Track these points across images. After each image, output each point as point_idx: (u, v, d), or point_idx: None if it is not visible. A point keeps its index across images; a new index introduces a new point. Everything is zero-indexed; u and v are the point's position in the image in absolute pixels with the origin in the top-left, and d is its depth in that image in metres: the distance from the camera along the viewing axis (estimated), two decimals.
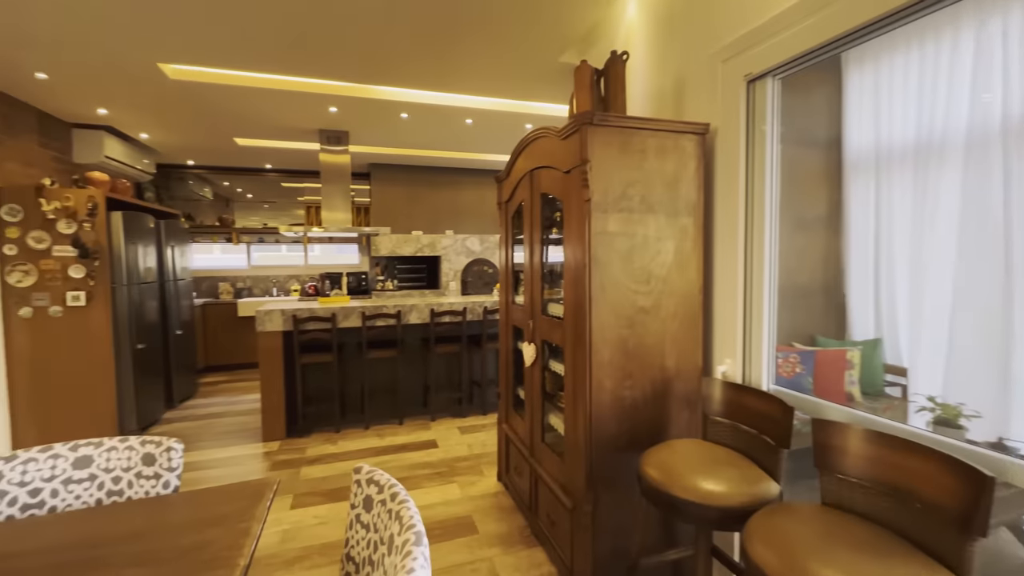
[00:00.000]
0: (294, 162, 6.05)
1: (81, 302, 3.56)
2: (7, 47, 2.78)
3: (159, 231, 4.42)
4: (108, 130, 4.43)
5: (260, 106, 3.86)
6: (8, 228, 3.38)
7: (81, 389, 3.58)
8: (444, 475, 3.08)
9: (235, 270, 6.81)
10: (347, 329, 3.91)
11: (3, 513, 1.19)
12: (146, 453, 1.29)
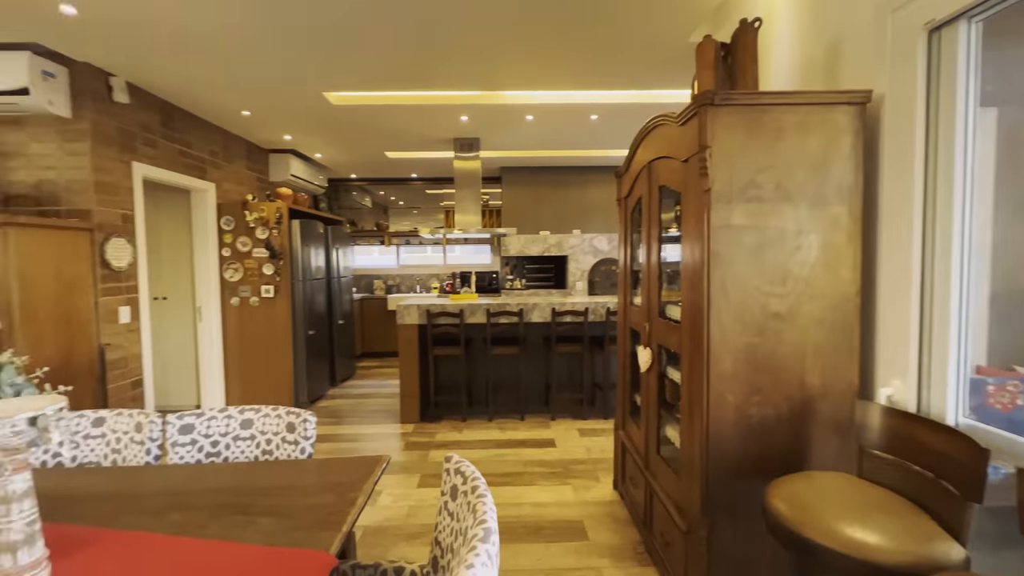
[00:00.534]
0: (434, 170, 6.61)
1: (271, 294, 4.37)
2: (224, 93, 3.54)
3: (327, 236, 5.22)
4: (293, 153, 5.37)
5: (403, 121, 4.30)
6: (225, 235, 4.31)
7: (269, 363, 4.40)
8: (559, 476, 3.06)
9: (387, 269, 7.70)
10: (474, 325, 4.13)
11: (198, 457, 1.51)
12: (289, 422, 1.52)
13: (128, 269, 3.30)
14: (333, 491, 1.23)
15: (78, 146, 2.98)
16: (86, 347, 2.98)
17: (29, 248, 2.62)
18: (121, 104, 3.22)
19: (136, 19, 2.48)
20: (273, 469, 1.37)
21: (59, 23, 2.50)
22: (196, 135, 4.04)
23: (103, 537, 1.03)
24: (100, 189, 3.06)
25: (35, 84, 2.69)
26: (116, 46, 2.78)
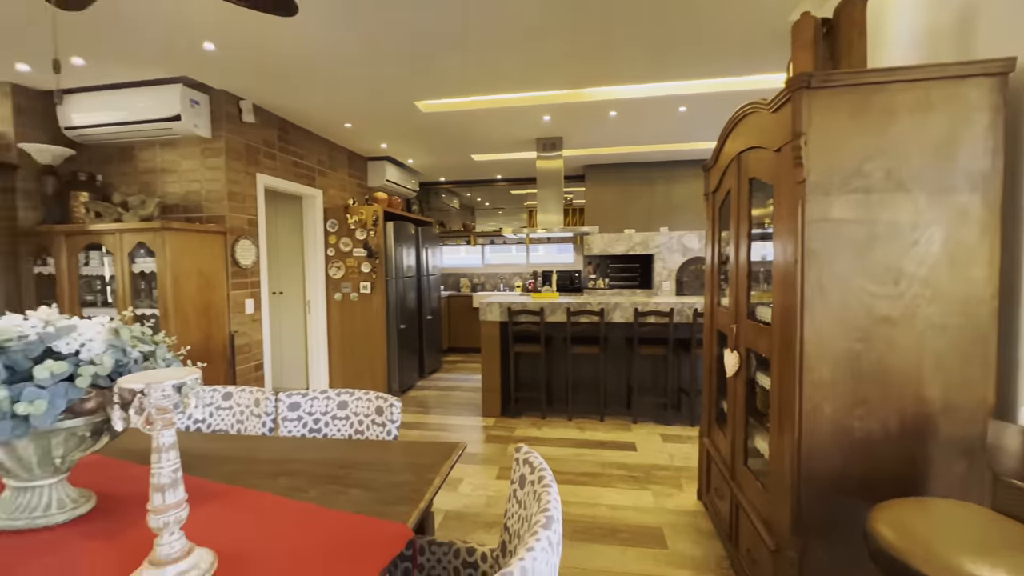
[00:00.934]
0: (518, 171, 6.73)
1: (368, 291, 4.76)
2: (330, 108, 3.92)
3: (418, 236, 5.55)
4: (388, 160, 5.78)
5: (488, 124, 4.44)
6: (330, 236, 4.77)
7: (366, 354, 4.79)
8: (639, 480, 2.98)
9: (472, 268, 7.98)
10: (554, 323, 4.15)
11: (302, 431, 1.71)
12: (378, 406, 1.66)
13: (252, 267, 3.79)
14: (414, 471, 1.32)
15: (215, 161, 3.48)
16: (220, 333, 3.48)
17: (179, 248, 3.12)
18: (248, 124, 3.71)
19: (260, 50, 2.85)
20: (363, 447, 1.51)
21: (202, 58, 2.94)
22: (306, 147, 4.52)
23: (226, 492, 1.22)
24: (232, 198, 3.55)
25: (185, 111, 3.20)
26: (245, 74, 3.21)
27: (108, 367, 1.04)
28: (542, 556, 0.75)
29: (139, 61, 2.98)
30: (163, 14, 2.42)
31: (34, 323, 1.04)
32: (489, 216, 10.59)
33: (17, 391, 0.92)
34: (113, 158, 3.61)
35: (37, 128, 3.36)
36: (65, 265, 3.18)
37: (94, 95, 3.31)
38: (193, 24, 2.53)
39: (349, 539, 1.00)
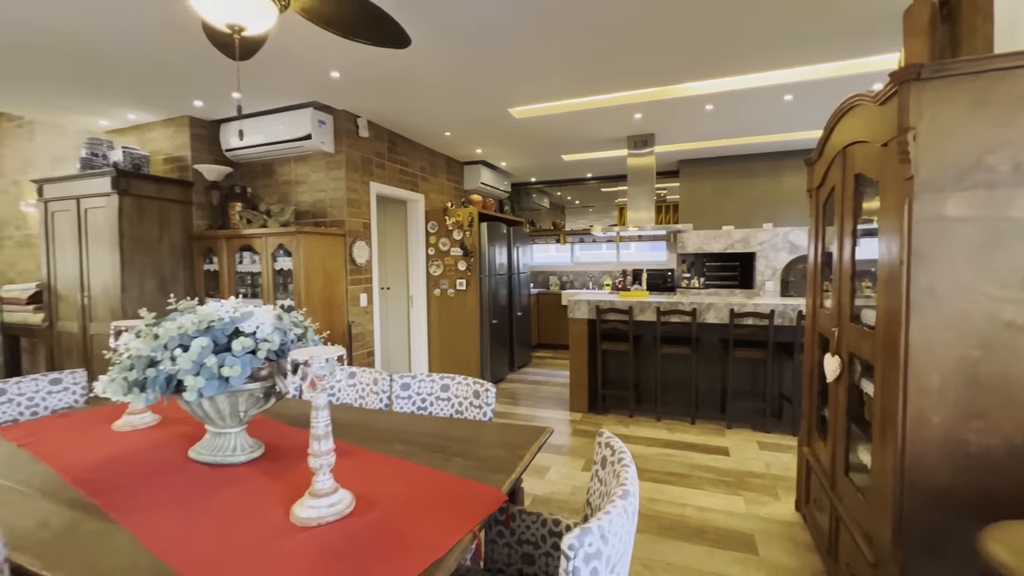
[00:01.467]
0: (608, 169, 6.70)
1: (463, 287, 5.10)
2: (431, 119, 4.28)
3: (509, 235, 5.80)
4: (483, 163, 6.10)
5: (578, 125, 4.53)
6: (430, 237, 5.19)
7: (461, 346, 5.14)
8: (730, 485, 2.91)
9: (562, 266, 8.10)
10: (643, 322, 4.13)
11: (407, 408, 1.97)
12: (475, 390, 1.87)
13: (366, 265, 4.27)
14: (506, 448, 1.49)
15: (337, 173, 3.99)
16: (340, 323, 3.99)
17: (309, 249, 3.64)
18: (363, 138, 4.19)
19: (375, 74, 3.23)
20: (463, 425, 1.72)
21: (328, 85, 3.41)
22: (411, 156, 4.96)
23: (354, 451, 1.48)
24: (350, 204, 4.04)
25: (314, 131, 3.72)
26: (362, 95, 3.64)
27: (276, 344, 1.34)
28: (617, 520, 0.86)
29: (279, 91, 3.53)
30: (299, 52, 2.87)
31: (228, 309, 1.37)
32: (579, 214, 10.61)
33: (221, 359, 1.23)
34: (259, 173, 4.30)
35: (206, 151, 4.11)
36: (225, 263, 3.87)
37: (247, 122, 3.97)
38: (323, 58, 2.96)
39: (454, 496, 1.19)
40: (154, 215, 3.72)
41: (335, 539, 1.02)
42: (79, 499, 1.20)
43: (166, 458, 1.44)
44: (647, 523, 2.49)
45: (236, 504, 1.17)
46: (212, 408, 1.34)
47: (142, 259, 3.64)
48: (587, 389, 4.32)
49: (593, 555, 0.81)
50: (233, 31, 1.47)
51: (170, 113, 3.94)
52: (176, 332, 1.26)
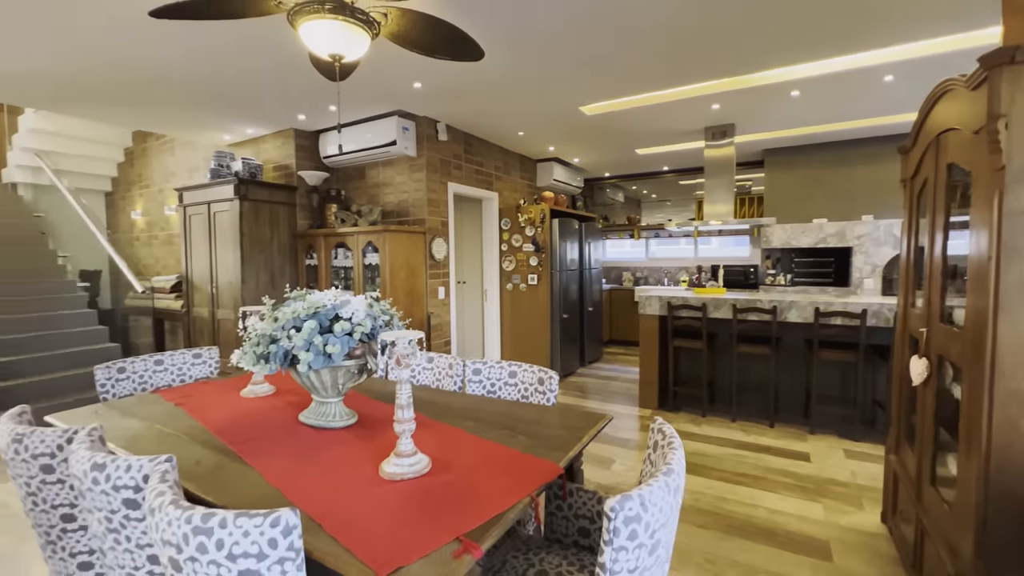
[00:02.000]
0: (686, 161, 6.49)
1: (535, 282, 5.25)
2: (505, 121, 4.45)
3: (581, 231, 5.85)
4: (556, 160, 6.20)
5: (651, 119, 4.47)
6: (503, 233, 5.40)
7: (532, 338, 5.30)
8: (809, 491, 2.78)
9: (636, 261, 7.97)
10: (718, 320, 4.02)
11: (478, 391, 2.15)
12: (540, 377, 2.00)
13: (444, 260, 4.57)
14: (566, 430, 1.61)
15: (419, 175, 4.31)
16: (420, 314, 4.31)
17: (394, 246, 3.99)
18: (442, 141, 4.47)
19: (454, 83, 3.46)
20: (528, 408, 1.86)
21: (411, 94, 3.70)
22: (486, 156, 5.19)
23: (432, 424, 1.68)
24: (430, 204, 4.35)
25: (398, 137, 4.05)
26: (441, 102, 3.91)
27: (368, 328, 1.57)
28: (659, 492, 0.95)
29: (368, 103, 3.90)
30: (386, 68, 3.16)
31: (330, 298, 1.62)
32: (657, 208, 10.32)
33: (325, 338, 1.48)
34: (352, 177, 4.75)
35: (307, 159, 4.63)
36: (323, 258, 4.35)
37: (343, 131, 4.41)
38: (406, 71, 3.24)
39: (516, 467, 1.34)
40: (266, 217, 4.27)
41: (415, 492, 1.21)
42: (221, 446, 1.51)
43: (281, 420, 1.74)
44: (714, 520, 2.48)
45: (336, 459, 1.41)
46: (318, 380, 1.60)
47: (257, 255, 4.20)
48: (657, 386, 4.28)
49: (632, 518, 0.91)
50: (334, 59, 1.72)
51: (279, 126, 4.49)
52: (291, 316, 1.53)
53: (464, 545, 0.97)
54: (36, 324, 4.66)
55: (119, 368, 2.26)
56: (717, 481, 2.90)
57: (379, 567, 0.91)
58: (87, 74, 3.21)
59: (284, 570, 0.90)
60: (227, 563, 0.88)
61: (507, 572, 1.34)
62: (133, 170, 6.44)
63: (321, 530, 1.04)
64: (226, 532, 0.88)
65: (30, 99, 3.80)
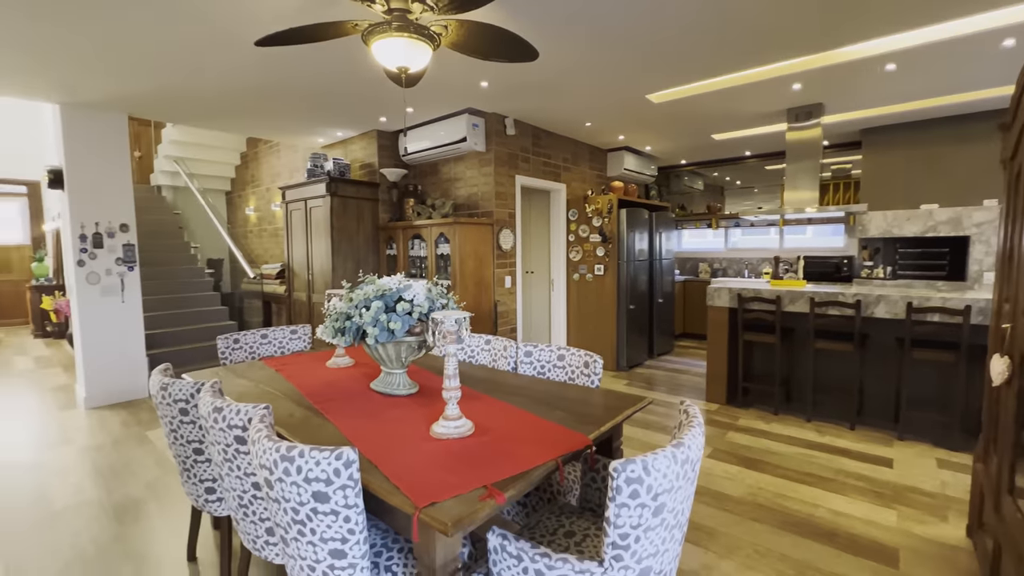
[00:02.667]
0: (770, 145, 6.08)
1: (601, 272, 5.28)
2: (572, 113, 4.51)
3: (651, 221, 5.75)
4: (626, 149, 6.12)
5: (725, 104, 4.28)
6: (571, 224, 5.47)
7: (598, 328, 5.35)
8: (883, 497, 2.61)
9: (714, 252, 7.63)
10: (794, 314, 3.81)
11: (529, 371, 2.30)
12: (585, 361, 2.11)
13: (510, 250, 4.76)
14: (603, 409, 1.72)
15: (487, 169, 4.52)
16: (487, 301, 4.56)
17: (463, 237, 4.25)
18: (510, 136, 4.64)
19: (518, 80, 3.60)
20: (572, 389, 1.98)
21: (479, 93, 3.90)
22: (554, 148, 5.28)
23: (481, 397, 1.87)
24: (498, 196, 4.55)
25: (468, 134, 4.29)
26: (508, 98, 4.07)
27: (425, 308, 1.78)
28: (663, 460, 1.05)
29: (440, 103, 4.16)
30: (453, 71, 3.38)
31: (395, 282, 1.86)
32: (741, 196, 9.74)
33: (389, 316, 1.72)
34: (427, 173, 5.09)
35: (388, 157, 5.04)
36: (401, 249, 4.74)
37: (417, 131, 4.75)
38: (473, 72, 3.44)
39: (548, 436, 1.48)
40: (353, 211, 4.74)
41: (457, 449, 1.40)
42: (308, 404, 1.82)
43: (356, 387, 2.03)
44: (769, 515, 2.43)
45: (398, 420, 1.64)
46: (384, 352, 1.85)
47: (345, 246, 4.69)
48: (726, 380, 4.16)
49: (634, 479, 1.02)
50: (400, 71, 1.94)
51: (364, 128, 4.93)
52: (363, 297, 1.79)
53: (490, 492, 1.13)
54: (175, 304, 5.59)
55: (235, 339, 2.72)
56: (779, 479, 2.82)
57: (418, 499, 1.10)
58: (210, 93, 3.80)
59: (346, 495, 1.12)
60: (304, 484, 1.12)
61: (540, 528, 1.49)
62: (247, 172, 7.38)
63: (377, 470, 1.26)
64: (303, 460, 1.12)
65: (169, 115, 4.55)
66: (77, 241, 4.05)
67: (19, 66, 3.20)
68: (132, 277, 4.33)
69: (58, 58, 3.09)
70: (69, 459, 3.16)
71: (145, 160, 7.74)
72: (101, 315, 4.18)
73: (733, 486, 2.73)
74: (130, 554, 2.16)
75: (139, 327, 4.39)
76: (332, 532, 1.15)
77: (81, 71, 3.31)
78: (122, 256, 4.27)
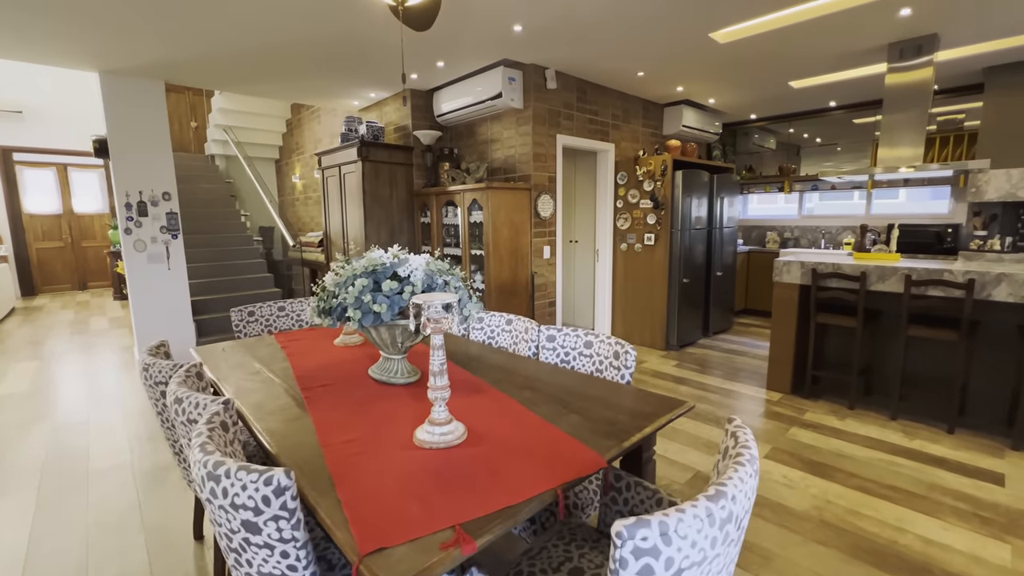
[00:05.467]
0: (860, 93, 5.18)
1: (651, 242, 4.79)
2: (621, 61, 3.96)
3: (712, 185, 5.12)
4: (686, 103, 5.44)
5: (810, 39, 3.57)
6: (619, 188, 4.98)
7: (645, 304, 4.91)
8: (990, 524, 2.12)
9: (786, 220, 6.81)
10: (882, 293, 3.22)
11: (551, 359, 2.00)
12: (615, 350, 1.77)
13: (550, 218, 4.39)
14: (630, 415, 1.39)
15: (525, 128, 4.12)
16: (524, 273, 4.25)
17: (497, 203, 3.92)
18: (551, 90, 4.19)
19: (557, 21, 3.14)
20: (597, 384, 1.66)
21: (513, 40, 3.47)
22: (601, 103, 4.75)
23: (487, 390, 1.60)
24: (536, 159, 4.16)
25: (504, 88, 3.89)
26: (548, 45, 3.61)
27: (420, 287, 1.51)
28: (691, 521, 0.73)
29: (471, 54, 3.77)
30: (480, 12, 2.97)
31: (388, 256, 1.60)
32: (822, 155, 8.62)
33: (374, 297, 1.46)
34: (463, 135, 4.76)
35: (422, 119, 4.74)
36: (435, 216, 4.50)
37: (451, 88, 4.40)
38: (503, 11, 3.01)
39: (554, 451, 1.19)
40: (386, 177, 4.54)
41: (438, 463, 1.14)
42: (294, 390, 1.63)
43: (354, 371, 1.82)
44: (838, 537, 2.03)
45: (384, 417, 1.41)
46: (378, 336, 1.61)
47: (378, 212, 4.52)
48: (791, 366, 3.65)
49: (647, 551, 0.71)
50: (397, 3, 1.61)
51: (396, 89, 4.65)
52: (351, 273, 1.55)
53: (456, 537, 0.87)
54: (222, 271, 5.74)
55: (249, 312, 2.61)
56: (853, 490, 2.38)
57: (363, 543, 0.85)
58: (246, 53, 3.65)
59: (279, 527, 0.90)
60: (231, 511, 0.91)
61: (543, 558, 1.22)
62: (292, 139, 7.39)
63: (333, 491, 1.03)
64: (229, 483, 0.90)
65: (206, 80, 4.48)
66: (123, 209, 4.14)
67: (61, 32, 3.18)
68: (176, 245, 4.41)
69: (99, 22, 3.02)
70: (115, 421, 3.28)
71: (200, 130, 7.95)
72: (149, 281, 4.31)
73: (795, 497, 2.33)
74: (145, 525, 2.15)
75: (184, 293, 4.51)
76: (269, 567, 0.93)
77: (121, 35, 3.24)
78: (166, 224, 4.34)
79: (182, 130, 7.95)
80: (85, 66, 3.86)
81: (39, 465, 2.70)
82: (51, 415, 3.39)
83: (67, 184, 8.56)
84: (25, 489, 2.46)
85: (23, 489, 2.46)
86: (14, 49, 3.46)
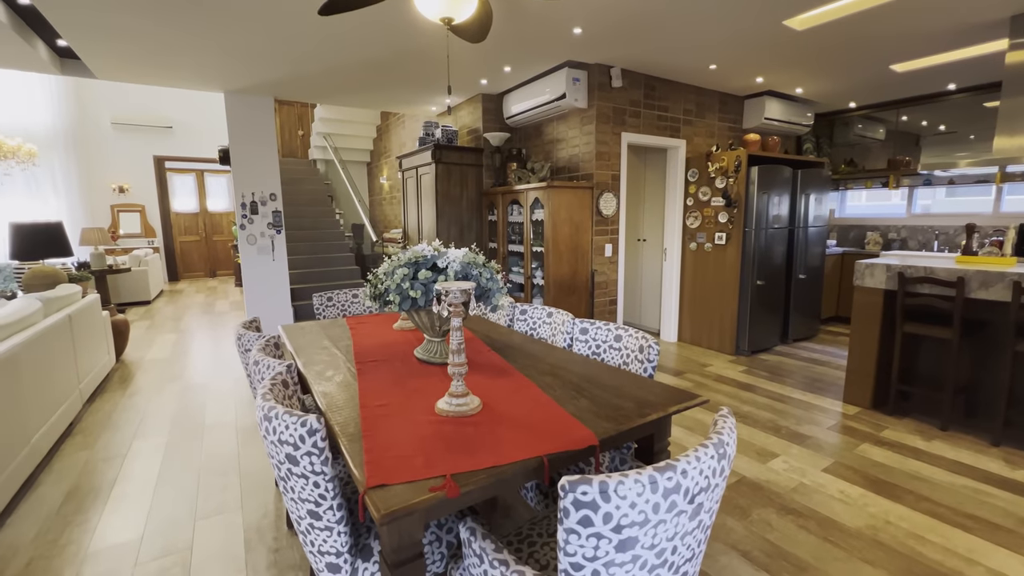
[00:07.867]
0: (985, 74, 4.52)
1: (723, 242, 4.60)
2: (691, 54, 3.85)
3: (795, 180, 4.77)
4: (769, 94, 5.11)
5: (905, 18, 3.23)
6: (690, 186, 4.83)
7: (715, 305, 4.73)
8: None
9: (892, 218, 6.12)
10: (984, 302, 2.86)
11: (583, 350, 2.09)
12: (640, 345, 1.82)
13: (613, 216, 4.40)
14: (638, 404, 1.46)
15: (589, 127, 4.18)
16: (584, 270, 4.31)
17: (558, 202, 4.03)
18: (616, 88, 4.20)
19: (616, 21, 3.17)
20: (616, 375, 1.74)
21: (575, 41, 3.55)
22: (672, 99, 4.64)
23: (512, 373, 1.74)
24: (599, 157, 4.20)
25: (568, 89, 3.98)
26: (610, 44, 3.64)
27: (453, 278, 1.69)
28: (632, 485, 0.82)
29: (535, 58, 3.91)
30: (539, 16, 3.10)
31: (429, 249, 1.80)
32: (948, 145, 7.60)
33: (412, 284, 1.67)
34: (530, 135, 4.92)
35: (492, 121, 4.98)
36: (501, 214, 4.71)
37: (519, 91, 4.58)
38: (562, 17, 3.11)
39: (552, 427, 1.30)
40: (457, 177, 4.84)
41: (450, 429, 1.31)
42: (351, 364, 1.90)
43: (403, 351, 2.06)
44: (890, 559, 1.90)
45: (416, 390, 1.62)
46: (419, 320, 1.83)
47: (449, 211, 4.83)
48: (873, 379, 3.35)
49: (585, 504, 0.82)
50: (445, 22, 1.81)
51: (469, 94, 4.93)
52: (395, 264, 1.78)
53: (445, 483, 1.03)
54: (318, 263, 6.45)
55: (328, 297, 3.00)
56: (920, 514, 2.18)
57: (370, 479, 1.05)
58: (339, 71, 4.14)
59: (312, 462, 1.12)
60: (279, 445, 1.15)
61: (543, 526, 1.35)
62: (381, 143, 8.05)
63: (359, 441, 1.24)
64: (278, 422, 1.14)
65: (310, 94, 5.09)
66: (239, 208, 4.86)
67: (204, 63, 3.87)
68: (279, 240, 5.08)
69: (231, 50, 3.64)
70: (226, 386, 3.91)
71: (306, 137, 8.94)
72: (258, 270, 5.01)
73: (848, 513, 2.19)
74: (240, 471, 2.59)
75: (285, 282, 5.17)
76: (306, 494, 1.17)
77: (247, 60, 3.86)
78: (272, 221, 5.02)
79: (291, 138, 9.00)
80: (216, 87, 4.60)
81: (171, 416, 3.33)
82: (182, 377, 4.12)
83: (203, 187, 10.08)
84: (160, 434, 3.06)
85: (159, 434, 3.06)
86: (169, 79, 4.25)
